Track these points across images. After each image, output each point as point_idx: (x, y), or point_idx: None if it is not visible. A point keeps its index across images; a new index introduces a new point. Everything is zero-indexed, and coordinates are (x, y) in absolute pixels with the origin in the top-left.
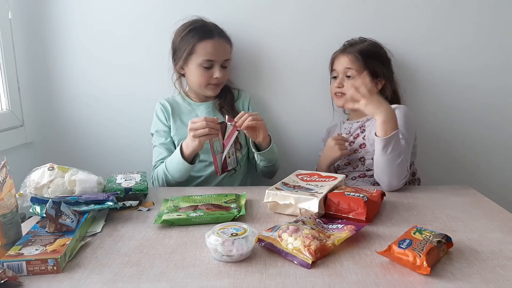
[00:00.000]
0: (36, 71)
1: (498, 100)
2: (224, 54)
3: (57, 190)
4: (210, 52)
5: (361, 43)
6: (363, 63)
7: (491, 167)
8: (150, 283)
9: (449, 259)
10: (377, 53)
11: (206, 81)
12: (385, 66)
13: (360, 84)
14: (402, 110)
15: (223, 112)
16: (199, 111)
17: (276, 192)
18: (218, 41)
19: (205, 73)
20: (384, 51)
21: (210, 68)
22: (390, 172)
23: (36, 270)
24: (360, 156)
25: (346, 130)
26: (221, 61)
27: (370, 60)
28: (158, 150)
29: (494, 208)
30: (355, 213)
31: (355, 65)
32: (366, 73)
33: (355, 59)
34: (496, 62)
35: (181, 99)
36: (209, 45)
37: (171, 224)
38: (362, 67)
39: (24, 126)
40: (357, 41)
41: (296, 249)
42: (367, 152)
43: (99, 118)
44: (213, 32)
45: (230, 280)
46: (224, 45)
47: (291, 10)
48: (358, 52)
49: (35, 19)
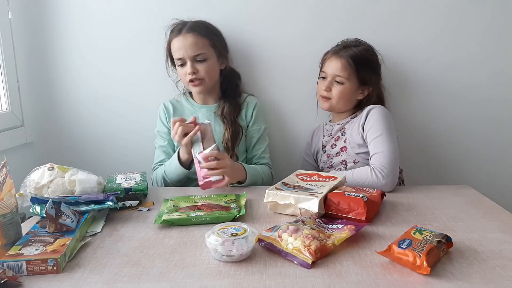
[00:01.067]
0: (36, 71)
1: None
2: (192, 49)
3: (57, 190)
4: (177, 49)
5: (355, 47)
6: (354, 70)
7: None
8: (150, 283)
9: (449, 259)
10: (369, 60)
11: (184, 78)
12: (375, 73)
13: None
14: (378, 110)
15: (223, 121)
16: (200, 113)
17: (276, 192)
18: (185, 37)
19: (181, 71)
20: (376, 58)
21: (184, 65)
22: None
23: (36, 270)
24: (342, 159)
25: (328, 132)
26: (189, 56)
27: (362, 68)
28: (157, 153)
29: (494, 208)
30: (355, 213)
31: (346, 72)
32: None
33: (347, 66)
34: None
35: (185, 101)
36: (175, 43)
37: (171, 224)
38: (353, 74)
39: (24, 126)
40: (352, 43)
41: (296, 249)
42: (349, 155)
43: (99, 118)
44: (181, 29)
45: (230, 280)
46: (191, 39)
47: (293, 12)
48: (351, 58)
49: (35, 19)
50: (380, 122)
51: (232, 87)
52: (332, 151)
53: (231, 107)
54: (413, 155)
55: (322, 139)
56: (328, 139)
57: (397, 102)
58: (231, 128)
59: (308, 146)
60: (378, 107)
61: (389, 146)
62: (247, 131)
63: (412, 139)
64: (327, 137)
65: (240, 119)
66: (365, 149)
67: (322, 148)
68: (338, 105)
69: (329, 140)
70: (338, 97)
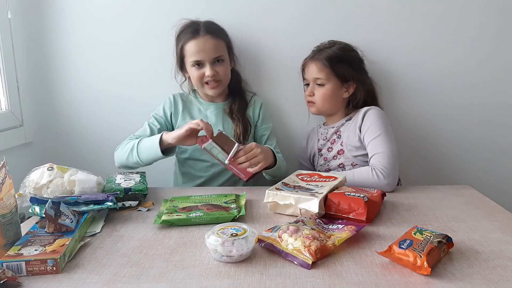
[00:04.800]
0: (35, 71)
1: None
2: (212, 51)
3: (57, 190)
4: (195, 51)
5: (329, 48)
6: (330, 69)
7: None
8: (149, 283)
9: (449, 260)
10: (345, 57)
11: (201, 80)
12: (356, 68)
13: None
14: (374, 111)
15: (233, 119)
16: (209, 110)
17: (276, 192)
18: (204, 39)
19: (198, 73)
20: (355, 53)
21: (201, 67)
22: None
23: (36, 271)
24: (340, 163)
25: (323, 135)
26: (209, 58)
27: (338, 65)
28: (144, 128)
29: (495, 208)
30: (355, 213)
31: (323, 73)
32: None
33: (322, 67)
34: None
35: (193, 98)
36: (194, 45)
37: (171, 224)
38: (330, 73)
39: (24, 126)
40: (326, 45)
41: (296, 250)
42: (347, 158)
43: (98, 118)
44: (198, 31)
45: (230, 280)
46: (211, 42)
47: (292, 9)
48: (326, 59)
49: (35, 19)
50: (378, 123)
51: (238, 85)
52: (329, 155)
53: (239, 104)
54: (413, 155)
55: (317, 142)
56: (324, 143)
57: (397, 102)
58: (242, 124)
59: (303, 150)
60: (374, 109)
61: (388, 146)
62: (256, 130)
63: (412, 140)
64: (323, 140)
65: (248, 115)
66: (363, 151)
67: (318, 152)
68: (324, 107)
69: (325, 144)
70: (322, 99)
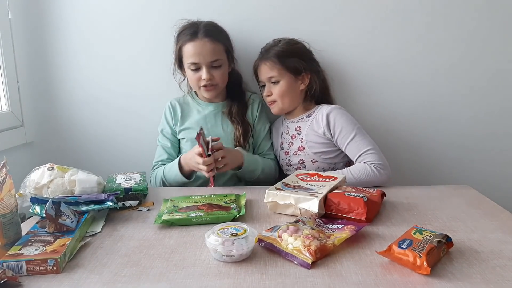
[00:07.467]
0: (36, 71)
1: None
2: (209, 55)
3: (57, 190)
4: (193, 54)
5: (275, 46)
6: (281, 65)
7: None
8: (149, 283)
9: (449, 259)
10: (293, 50)
11: (197, 83)
12: (306, 59)
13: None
14: (338, 111)
15: (233, 121)
16: (207, 111)
17: (276, 192)
18: (202, 42)
19: (194, 76)
20: (301, 45)
21: (198, 70)
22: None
23: (36, 270)
24: (300, 159)
25: (286, 129)
26: (206, 62)
27: (288, 60)
28: (159, 151)
29: (494, 208)
30: (355, 213)
31: (275, 70)
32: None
33: (273, 65)
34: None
35: (191, 99)
36: (191, 48)
37: (171, 224)
38: (282, 69)
39: (24, 126)
40: (271, 44)
41: (296, 249)
42: (307, 155)
43: (99, 118)
44: (197, 33)
45: (230, 280)
46: (209, 45)
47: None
48: (274, 56)
49: (35, 19)
50: (348, 124)
51: (237, 86)
52: (290, 149)
53: (239, 106)
54: (413, 155)
55: (280, 136)
56: (285, 136)
57: (398, 102)
58: (242, 127)
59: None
60: (335, 109)
61: (369, 142)
62: (253, 129)
63: (412, 140)
64: (285, 134)
65: (247, 117)
66: (324, 149)
67: (280, 145)
68: (284, 103)
69: (286, 138)
70: (280, 96)
